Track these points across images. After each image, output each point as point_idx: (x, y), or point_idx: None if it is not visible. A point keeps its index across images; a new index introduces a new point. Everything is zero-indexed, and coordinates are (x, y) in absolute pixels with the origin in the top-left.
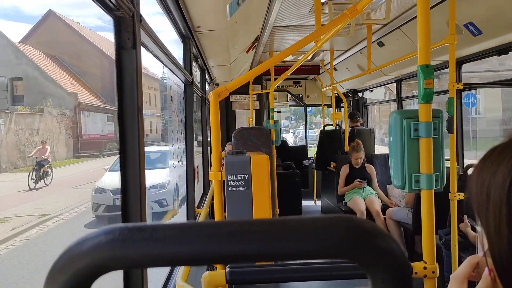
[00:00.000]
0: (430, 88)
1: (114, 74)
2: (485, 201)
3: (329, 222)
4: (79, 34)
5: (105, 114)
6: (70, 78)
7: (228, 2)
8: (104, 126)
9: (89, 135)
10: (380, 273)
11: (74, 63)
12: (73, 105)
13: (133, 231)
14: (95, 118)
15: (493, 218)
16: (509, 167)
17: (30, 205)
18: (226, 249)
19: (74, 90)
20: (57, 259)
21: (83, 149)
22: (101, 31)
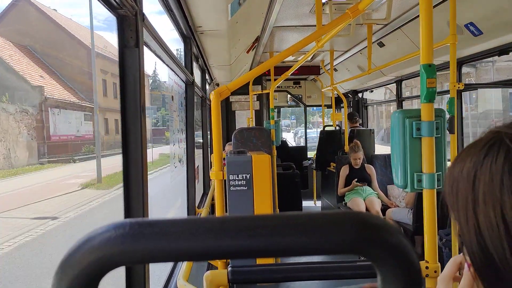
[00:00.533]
0: (432, 87)
1: (94, 67)
2: (455, 196)
3: (338, 218)
4: (55, 23)
5: (82, 112)
6: (41, 70)
7: (230, 2)
8: (81, 125)
9: (59, 136)
10: (390, 268)
11: (49, 54)
12: (38, 100)
13: (143, 225)
14: (68, 117)
15: (462, 211)
16: (474, 161)
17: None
18: (237, 245)
19: (42, 83)
20: (67, 253)
21: (51, 153)
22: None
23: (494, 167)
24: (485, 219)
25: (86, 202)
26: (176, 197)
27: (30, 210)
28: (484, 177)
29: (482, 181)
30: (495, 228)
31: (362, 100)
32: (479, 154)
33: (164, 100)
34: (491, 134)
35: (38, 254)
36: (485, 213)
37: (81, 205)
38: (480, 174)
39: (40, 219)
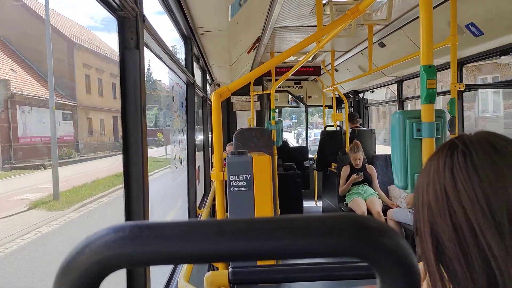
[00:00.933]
0: (433, 88)
1: (75, 62)
2: (416, 188)
3: (337, 220)
4: (34, 13)
5: (60, 111)
6: (13, 63)
7: (230, 3)
8: (58, 126)
9: (31, 138)
10: (389, 271)
11: (25, 47)
12: (3, 97)
13: (142, 228)
14: (42, 116)
15: (419, 194)
16: (430, 158)
17: None
18: (235, 247)
19: (11, 77)
20: (67, 256)
21: (20, 157)
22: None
23: (441, 155)
24: (433, 194)
25: (16, 236)
26: (177, 198)
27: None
28: (434, 163)
29: (432, 166)
30: (440, 199)
31: (363, 101)
32: (433, 153)
33: (159, 100)
34: (444, 142)
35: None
36: (433, 187)
37: None
38: (431, 163)
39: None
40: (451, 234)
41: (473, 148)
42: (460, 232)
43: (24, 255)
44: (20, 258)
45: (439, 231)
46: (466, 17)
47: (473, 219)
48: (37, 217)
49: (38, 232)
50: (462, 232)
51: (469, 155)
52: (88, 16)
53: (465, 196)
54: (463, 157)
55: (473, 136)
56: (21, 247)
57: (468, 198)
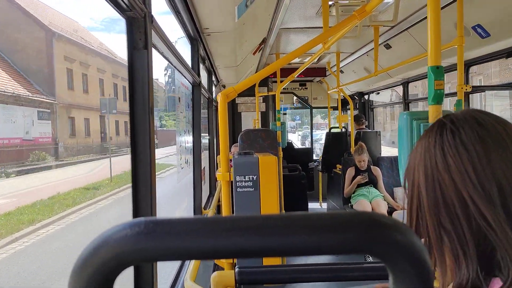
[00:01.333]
0: (440, 89)
1: (55, 54)
2: (408, 168)
3: (350, 217)
4: None
5: (35, 109)
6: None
7: (237, 4)
8: (32, 126)
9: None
10: (402, 267)
11: None
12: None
13: (157, 224)
14: (12, 114)
15: (410, 173)
16: (421, 138)
17: None
18: (248, 243)
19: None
20: (83, 251)
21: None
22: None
23: (430, 134)
24: (424, 171)
25: None
26: (182, 199)
27: None
28: (424, 142)
29: (423, 145)
30: (429, 175)
31: (369, 102)
32: (423, 133)
33: (155, 99)
34: None
35: None
36: (424, 165)
37: None
38: (422, 141)
39: None
40: (441, 208)
41: (461, 126)
42: (451, 206)
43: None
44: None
45: (427, 205)
46: (472, 18)
47: (464, 192)
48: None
49: None
50: (453, 205)
51: (457, 132)
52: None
53: (455, 170)
54: (451, 134)
55: (460, 114)
56: None
57: (458, 172)
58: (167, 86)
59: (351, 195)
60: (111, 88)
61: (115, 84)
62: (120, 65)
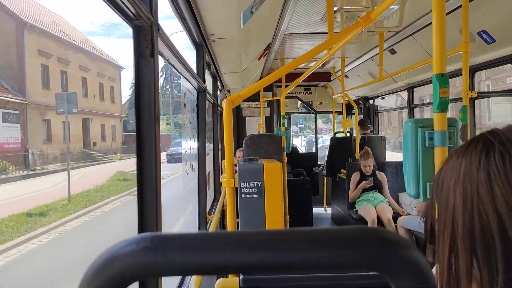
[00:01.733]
0: (445, 97)
1: (26, 47)
2: (440, 185)
3: (355, 233)
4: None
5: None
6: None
7: (242, 10)
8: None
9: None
10: (406, 283)
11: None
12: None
13: (164, 239)
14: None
15: (444, 195)
16: (458, 155)
17: None
18: (255, 259)
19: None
20: (90, 265)
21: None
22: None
23: (473, 153)
24: (462, 194)
25: None
26: (187, 204)
27: None
28: (465, 161)
29: (463, 165)
30: (469, 201)
31: (373, 107)
32: (462, 147)
33: None
34: (473, 136)
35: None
36: (463, 189)
37: None
38: (461, 160)
39: None
40: (477, 240)
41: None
42: (490, 240)
43: None
44: None
45: (462, 234)
46: (478, 24)
47: (508, 226)
48: None
49: None
50: (493, 240)
51: (508, 156)
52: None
53: (502, 201)
54: (501, 158)
55: (508, 133)
56: None
57: (505, 202)
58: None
59: (356, 200)
60: (97, 88)
61: (101, 84)
62: (109, 64)
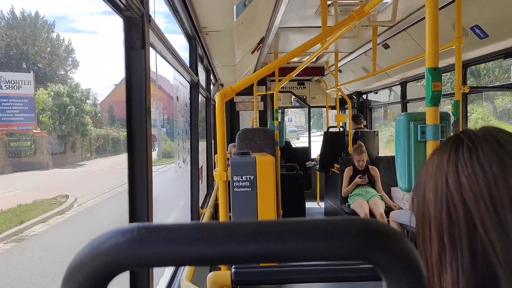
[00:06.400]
0: (438, 90)
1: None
2: (417, 183)
3: (343, 224)
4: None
5: None
6: None
7: (235, 3)
8: None
9: None
10: (395, 274)
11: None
12: None
13: (150, 230)
14: None
15: (419, 187)
16: (433, 153)
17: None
18: (243, 250)
19: None
20: (75, 257)
21: None
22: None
23: (444, 149)
24: (434, 187)
25: None
26: (180, 198)
27: None
28: (437, 157)
29: (436, 160)
30: (439, 193)
31: (367, 102)
32: (437, 146)
33: None
34: (450, 136)
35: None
36: (434, 182)
37: None
38: (434, 156)
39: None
40: (444, 229)
41: (479, 144)
42: (457, 228)
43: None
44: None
45: (434, 225)
46: (471, 19)
47: (475, 216)
48: None
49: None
50: (459, 228)
51: (474, 150)
52: None
53: (468, 190)
54: (468, 152)
55: (479, 131)
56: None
57: (471, 192)
58: None
59: (348, 194)
60: None
61: None
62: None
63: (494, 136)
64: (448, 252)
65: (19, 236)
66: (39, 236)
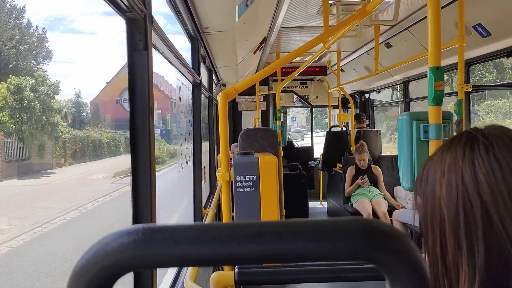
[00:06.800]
0: (440, 90)
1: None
2: (425, 179)
3: (346, 224)
4: None
5: None
6: None
7: (237, 3)
8: None
9: None
10: (399, 275)
11: None
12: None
13: (155, 231)
14: None
15: (430, 187)
16: (442, 149)
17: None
18: (246, 250)
19: None
20: (80, 258)
21: None
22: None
23: (458, 146)
24: (448, 185)
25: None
26: (182, 197)
27: None
28: (450, 154)
29: (448, 157)
30: (454, 190)
31: (369, 101)
32: (446, 143)
33: None
34: (457, 134)
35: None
36: (448, 179)
37: None
38: (446, 153)
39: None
40: (461, 226)
41: (494, 141)
42: (473, 226)
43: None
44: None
45: (448, 222)
46: (473, 18)
47: (494, 214)
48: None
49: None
50: (476, 226)
51: (491, 147)
52: None
53: (486, 186)
54: (485, 149)
55: (489, 129)
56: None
57: (490, 191)
58: None
59: (351, 194)
60: None
61: None
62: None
63: (505, 134)
64: (464, 250)
65: None
66: None
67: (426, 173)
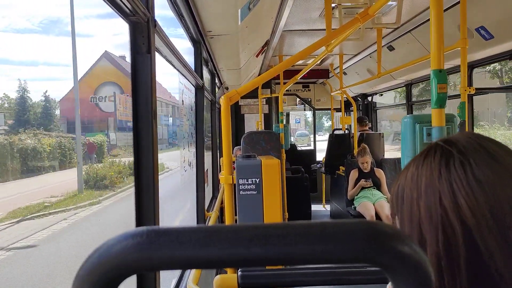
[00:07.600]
0: (443, 92)
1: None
2: (401, 199)
3: (350, 227)
4: None
5: None
6: None
7: (240, 7)
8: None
9: None
10: (404, 277)
11: None
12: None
13: (159, 234)
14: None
15: (407, 209)
16: (416, 165)
17: None
18: (250, 253)
19: None
20: (85, 261)
21: None
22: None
23: (433, 163)
24: (426, 209)
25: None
26: (185, 200)
27: None
28: (426, 172)
29: (424, 176)
30: (433, 212)
31: (372, 104)
32: (419, 158)
33: None
34: (428, 145)
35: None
36: (426, 202)
37: None
38: (421, 171)
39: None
40: (442, 254)
41: (471, 156)
42: (455, 254)
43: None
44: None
45: (429, 247)
46: (476, 20)
47: (479, 240)
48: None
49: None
50: (458, 254)
51: (468, 164)
52: None
53: (468, 211)
54: (461, 167)
55: (464, 141)
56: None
57: (472, 216)
58: None
59: (354, 197)
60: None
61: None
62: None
63: (481, 146)
64: (444, 273)
65: None
66: None
67: (401, 191)
